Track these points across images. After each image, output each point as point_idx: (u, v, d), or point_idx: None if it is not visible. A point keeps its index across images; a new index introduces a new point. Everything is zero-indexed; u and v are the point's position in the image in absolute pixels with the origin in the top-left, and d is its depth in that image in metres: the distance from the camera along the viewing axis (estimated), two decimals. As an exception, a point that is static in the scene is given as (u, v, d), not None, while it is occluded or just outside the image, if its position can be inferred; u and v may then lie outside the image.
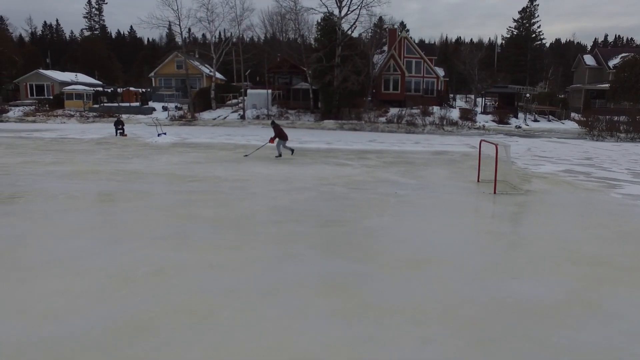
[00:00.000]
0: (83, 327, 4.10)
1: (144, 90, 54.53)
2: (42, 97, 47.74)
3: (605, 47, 62.79)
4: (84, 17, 70.79)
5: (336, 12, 37.51)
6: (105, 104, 44.49)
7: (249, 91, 40.88)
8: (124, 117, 40.88)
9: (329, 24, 38.07)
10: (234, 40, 44.19)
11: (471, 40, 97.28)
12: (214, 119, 40.11)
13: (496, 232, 7.96)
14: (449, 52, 63.39)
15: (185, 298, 4.74)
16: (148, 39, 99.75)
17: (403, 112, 37.89)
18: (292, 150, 17.62)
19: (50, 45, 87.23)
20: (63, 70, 53.79)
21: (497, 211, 9.55)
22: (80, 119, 40.74)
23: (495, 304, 4.79)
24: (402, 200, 10.11)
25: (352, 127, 35.73)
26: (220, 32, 43.96)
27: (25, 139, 24.28)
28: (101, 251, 6.15)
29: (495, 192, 11.11)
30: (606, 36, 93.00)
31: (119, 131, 26.37)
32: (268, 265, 5.77)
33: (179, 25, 39.32)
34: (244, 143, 23.49)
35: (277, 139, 17.01)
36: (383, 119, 37.37)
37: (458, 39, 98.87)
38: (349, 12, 37.12)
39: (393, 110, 40.80)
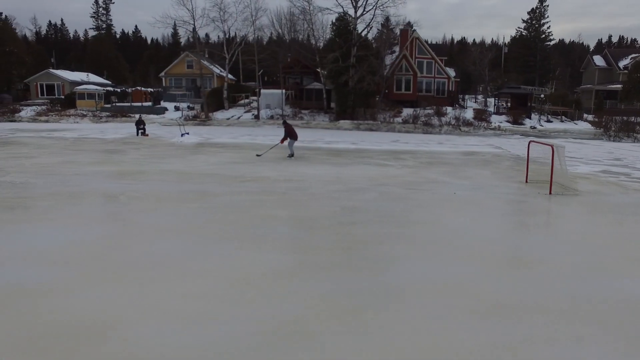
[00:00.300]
0: (231, 332, 4.00)
1: (152, 90, 54.38)
2: (53, 97, 47.48)
3: (608, 47, 62.90)
4: (91, 16, 70.68)
5: (351, 12, 37.45)
6: (117, 104, 44.29)
7: (262, 91, 40.75)
8: (137, 116, 40.85)
9: (343, 24, 38.03)
10: (249, 40, 44.09)
11: (474, 40, 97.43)
12: (228, 119, 39.99)
13: (580, 232, 7.93)
14: (453, 52, 63.44)
15: (321, 300, 4.67)
16: (152, 38, 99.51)
17: (418, 113, 37.83)
18: (292, 154, 16.89)
19: (55, 45, 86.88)
20: (70, 70, 53.50)
21: (566, 212, 9.52)
22: (93, 118, 40.57)
23: (626, 302, 4.76)
24: (467, 201, 10.07)
25: (369, 127, 35.70)
26: (232, 32, 43.57)
27: (49, 138, 24.15)
28: (206, 252, 6.09)
29: (550, 193, 11.09)
30: (610, 37, 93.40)
31: (140, 131, 26.26)
32: (386, 266, 5.73)
33: (194, 24, 39.23)
34: (269, 143, 23.40)
35: (288, 139, 16.94)
36: (399, 120, 37.31)
37: (462, 39, 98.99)
38: (364, 12, 37.10)
39: (406, 111, 40.77)
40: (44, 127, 33.98)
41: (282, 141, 16.97)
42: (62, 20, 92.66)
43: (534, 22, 55.59)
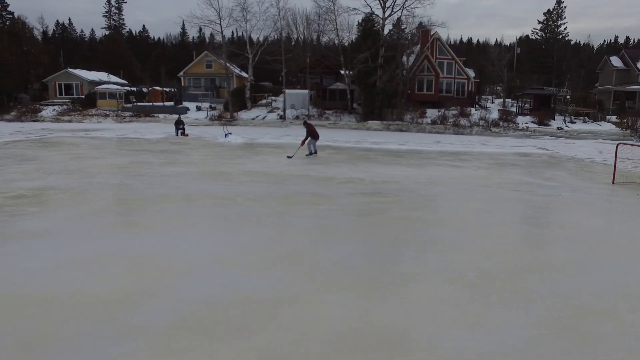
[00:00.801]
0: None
1: (168, 89, 54.09)
2: (72, 97, 47.13)
3: (626, 48, 63.16)
4: (104, 15, 70.23)
5: (379, 12, 37.41)
6: (137, 104, 44.01)
7: (287, 91, 40.59)
8: (160, 116, 40.63)
9: (369, 24, 37.99)
10: (271, 40, 43.92)
11: (477, 41, 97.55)
12: (253, 119, 39.83)
13: None
14: (471, 52, 63.48)
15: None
16: (158, 38, 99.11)
17: (446, 113, 37.85)
18: (311, 153, 17.10)
19: (61, 45, 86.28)
20: (87, 70, 53.08)
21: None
22: (116, 118, 40.31)
23: None
24: (577, 202, 10.02)
25: (398, 128, 35.67)
26: (253, 32, 43.33)
27: (90, 138, 23.92)
28: (406, 256, 5.97)
29: (646, 194, 11.08)
30: (616, 37, 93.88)
31: (179, 131, 26.06)
32: (584, 269, 5.65)
33: (220, 24, 39.01)
34: (317, 143, 23.28)
35: (308, 138, 16.91)
36: (427, 120, 37.30)
37: (469, 40, 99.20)
38: (392, 13, 37.06)
39: (430, 111, 40.79)
40: (73, 127, 33.69)
41: (302, 143, 16.90)
42: (69, 19, 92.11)
43: (549, 22, 55.74)
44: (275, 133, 29.89)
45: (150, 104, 43.71)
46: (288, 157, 16.60)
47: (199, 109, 43.41)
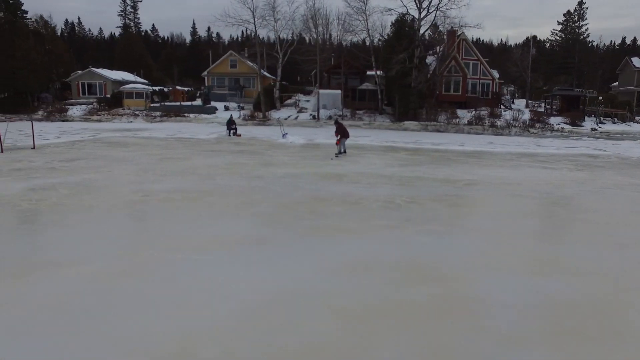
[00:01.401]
0: None
1: (187, 89, 53.82)
2: (94, 96, 46.71)
3: (628, 48, 63.72)
4: (119, 15, 69.59)
5: (414, 13, 37.40)
6: (165, 103, 43.68)
7: (320, 91, 40.44)
8: (191, 116, 40.34)
9: (403, 25, 37.99)
10: (298, 39, 43.74)
11: (482, 40, 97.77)
12: (285, 118, 39.62)
13: None
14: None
15: None
16: (166, 37, 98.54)
17: (479, 114, 37.90)
18: (340, 153, 17.07)
19: (71, 44, 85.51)
20: (106, 69, 52.61)
21: None
22: (146, 118, 39.97)
23: None
24: None
25: (435, 128, 35.66)
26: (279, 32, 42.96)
27: (148, 139, 23.68)
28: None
29: None
30: (624, 38, 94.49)
31: (232, 131, 25.86)
32: None
33: (254, 24, 38.78)
34: (377, 144, 23.26)
35: (341, 138, 17.02)
36: (463, 121, 37.36)
37: (478, 40, 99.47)
38: (428, 13, 37.04)
39: (460, 112, 40.82)
40: (110, 126, 33.38)
41: (338, 141, 16.96)
42: (79, 18, 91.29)
43: (569, 23, 56.08)
44: (321, 133, 29.73)
45: (178, 103, 43.39)
46: (336, 155, 16.79)
47: (227, 108, 43.16)
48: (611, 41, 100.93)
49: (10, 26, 41.85)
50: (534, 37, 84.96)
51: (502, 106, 46.91)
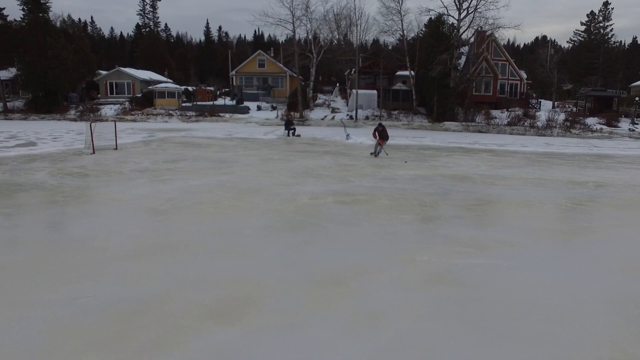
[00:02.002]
0: None
1: (211, 88, 53.50)
2: (122, 95, 46.37)
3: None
4: (138, 14, 69.07)
5: (454, 13, 37.42)
6: (197, 103, 43.42)
7: (355, 91, 40.33)
8: (227, 116, 40.13)
9: (441, 26, 37.98)
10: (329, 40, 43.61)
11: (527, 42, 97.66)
12: (322, 119, 39.56)
13: None
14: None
15: None
16: (181, 36, 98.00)
17: (519, 114, 38.01)
18: (375, 154, 17.18)
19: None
20: (132, 68, 52.23)
21: None
22: (181, 117, 39.76)
23: None
24: None
25: (477, 129, 35.67)
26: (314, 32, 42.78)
27: (211, 138, 23.51)
28: None
29: None
30: (635, 38, 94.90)
31: (291, 131, 25.73)
32: None
33: (293, 23, 38.61)
34: (442, 145, 23.25)
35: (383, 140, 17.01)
36: (504, 121, 37.43)
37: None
38: (467, 14, 37.04)
39: (493, 112, 40.87)
40: (153, 126, 33.16)
41: (381, 142, 16.89)
42: (92, 17, 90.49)
43: (592, 24, 56.34)
44: (368, 133, 29.61)
45: (211, 103, 43.15)
46: (386, 154, 16.83)
47: (259, 108, 42.99)
48: (621, 41, 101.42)
49: (42, 26, 41.42)
50: (545, 37, 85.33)
51: (530, 106, 47.04)
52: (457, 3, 36.81)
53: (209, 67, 76.21)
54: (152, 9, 67.32)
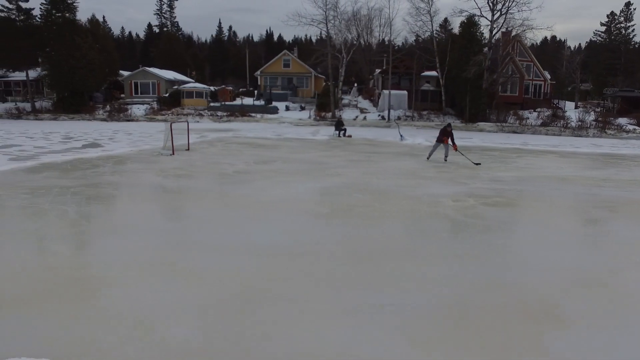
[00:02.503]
0: None
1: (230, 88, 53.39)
2: (148, 95, 46.25)
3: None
4: (155, 13, 68.91)
5: (487, 14, 37.50)
6: (225, 103, 43.35)
7: (386, 92, 40.32)
8: (258, 116, 40.06)
9: (473, 27, 38.08)
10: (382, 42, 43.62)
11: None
12: (354, 119, 39.54)
13: None
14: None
15: None
16: (189, 37, 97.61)
17: (547, 115, 38.17)
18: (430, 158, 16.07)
19: (96, 42, 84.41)
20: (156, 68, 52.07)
21: None
22: (212, 118, 39.67)
23: None
24: None
25: (512, 129, 35.74)
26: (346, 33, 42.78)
27: (263, 139, 23.44)
28: None
29: None
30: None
31: (341, 132, 25.69)
32: None
33: (326, 24, 38.60)
34: (483, 145, 23.28)
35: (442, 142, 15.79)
36: (533, 122, 37.56)
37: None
38: (500, 15, 37.10)
39: (521, 113, 41.01)
40: (192, 127, 32.92)
41: (455, 147, 15.50)
42: (103, 17, 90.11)
43: (612, 24, 56.55)
44: (410, 134, 29.66)
45: (240, 103, 43.08)
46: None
47: (287, 108, 42.96)
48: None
49: (70, 25, 41.24)
50: (553, 37, 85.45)
51: (554, 107, 47.20)
52: (491, 4, 36.87)
53: (222, 67, 76.17)
54: (169, 9, 67.11)
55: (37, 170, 12.14)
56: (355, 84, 59.91)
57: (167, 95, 44.59)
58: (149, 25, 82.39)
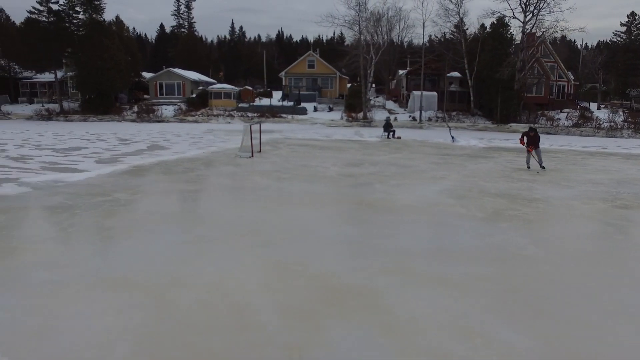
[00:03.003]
0: None
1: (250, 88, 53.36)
2: (173, 96, 46.21)
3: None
4: (172, 14, 68.74)
5: (519, 16, 37.66)
6: (253, 104, 43.38)
7: (420, 93, 40.36)
8: (289, 117, 40.10)
9: (503, 28, 38.23)
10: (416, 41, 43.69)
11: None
12: (392, 120, 39.54)
13: None
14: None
15: None
16: (205, 37, 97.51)
17: (584, 115, 38.36)
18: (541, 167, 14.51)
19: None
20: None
21: None
22: (243, 118, 39.68)
23: None
24: None
25: (545, 130, 35.84)
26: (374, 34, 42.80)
27: (318, 140, 23.47)
28: None
29: None
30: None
31: (390, 133, 25.75)
32: None
33: (359, 24, 38.65)
34: (558, 147, 23.35)
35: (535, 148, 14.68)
36: (564, 122, 37.76)
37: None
38: (532, 16, 37.25)
39: (550, 113, 41.17)
40: (227, 127, 33.08)
41: (530, 149, 14.55)
42: (117, 16, 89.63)
43: (632, 24, 56.81)
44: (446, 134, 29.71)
45: (268, 104, 43.10)
46: (542, 167, 14.49)
47: (315, 109, 43.02)
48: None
49: (98, 26, 41.20)
50: (563, 37, 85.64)
51: (578, 107, 47.39)
52: (523, 5, 37.01)
53: (236, 68, 76.12)
54: (187, 9, 67.06)
55: (137, 173, 12.16)
56: (374, 85, 60.00)
57: (194, 96, 44.58)
58: (161, 26, 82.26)
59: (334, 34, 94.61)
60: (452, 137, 24.19)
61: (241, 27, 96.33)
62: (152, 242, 6.21)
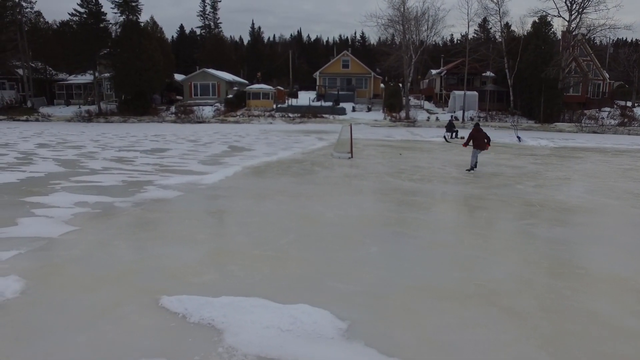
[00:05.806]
0: None
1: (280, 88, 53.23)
2: (208, 97, 46.15)
3: None
4: (198, 15, 68.62)
5: (564, 15, 37.46)
6: (292, 105, 43.27)
7: (457, 93, 40.23)
8: (330, 117, 39.98)
9: (546, 26, 38.03)
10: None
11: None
12: (427, 119, 39.47)
13: None
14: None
15: None
16: (231, 37, 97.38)
17: (626, 114, 38.12)
18: None
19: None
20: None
21: None
22: (285, 119, 39.62)
23: None
24: None
25: (591, 130, 35.66)
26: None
27: (397, 141, 23.33)
28: None
29: None
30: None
31: (453, 133, 25.60)
32: None
33: (402, 25, 38.48)
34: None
35: None
36: (611, 122, 37.55)
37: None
38: (577, 15, 37.04)
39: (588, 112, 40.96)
40: (276, 127, 32.99)
41: None
42: (152, 17, 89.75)
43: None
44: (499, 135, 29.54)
45: (307, 104, 42.96)
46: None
47: (354, 109, 42.90)
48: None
49: (136, 27, 41.18)
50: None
51: (616, 106, 47.13)
52: (568, 4, 36.79)
53: (258, 68, 76.01)
54: (212, 10, 66.98)
55: (260, 174, 12.09)
56: (400, 84, 59.83)
57: (231, 96, 44.48)
58: (181, 27, 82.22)
59: (354, 33, 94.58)
60: (519, 137, 24.03)
61: (259, 28, 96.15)
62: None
